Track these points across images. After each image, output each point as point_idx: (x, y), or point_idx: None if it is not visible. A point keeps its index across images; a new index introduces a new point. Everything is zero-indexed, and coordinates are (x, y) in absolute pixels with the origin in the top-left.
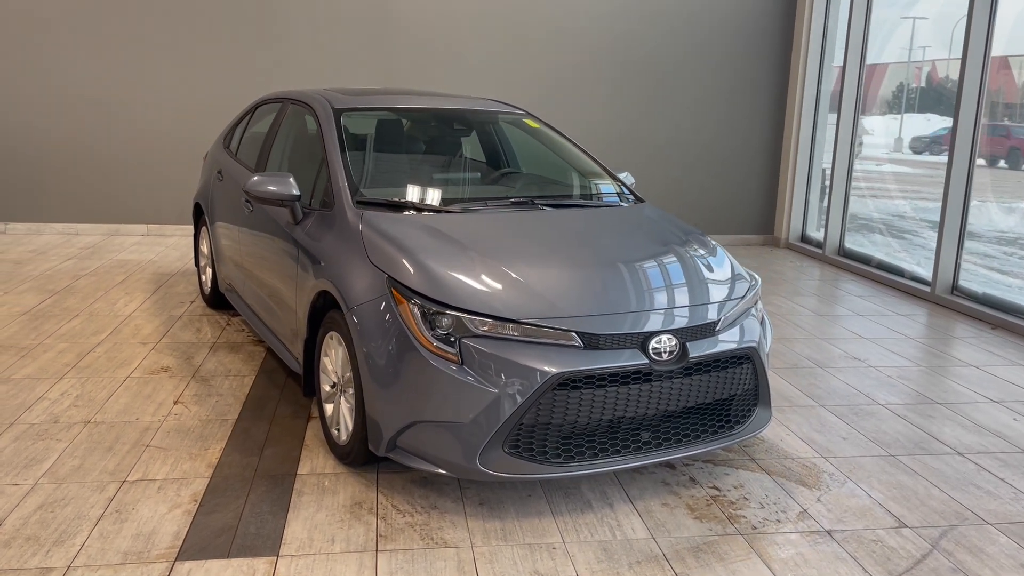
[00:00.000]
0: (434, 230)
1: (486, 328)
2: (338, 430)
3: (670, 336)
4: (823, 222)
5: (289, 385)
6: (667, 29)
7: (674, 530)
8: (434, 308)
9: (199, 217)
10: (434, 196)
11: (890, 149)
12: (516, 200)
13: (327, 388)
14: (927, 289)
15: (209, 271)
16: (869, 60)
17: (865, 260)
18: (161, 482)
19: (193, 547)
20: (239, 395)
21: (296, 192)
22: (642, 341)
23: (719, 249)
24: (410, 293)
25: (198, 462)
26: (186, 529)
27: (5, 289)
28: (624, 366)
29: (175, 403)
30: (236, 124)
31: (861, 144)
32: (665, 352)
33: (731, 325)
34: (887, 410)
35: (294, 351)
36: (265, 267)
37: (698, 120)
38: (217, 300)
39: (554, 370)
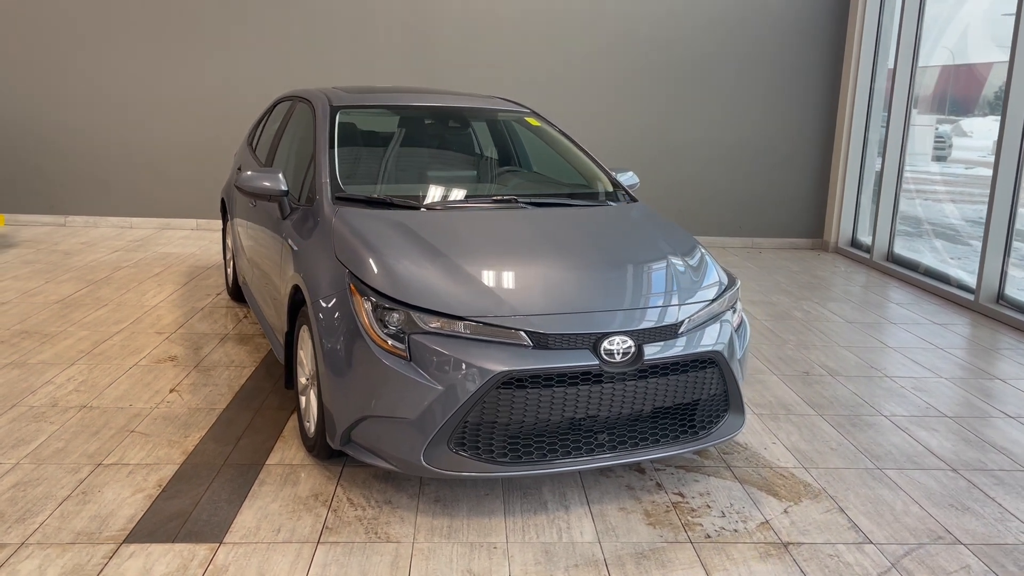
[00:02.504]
0: (403, 227)
1: (436, 325)
2: (309, 423)
3: (624, 337)
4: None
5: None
6: (715, 30)
7: (623, 535)
8: (386, 304)
9: (226, 212)
10: (414, 193)
11: (988, 152)
12: (499, 198)
13: (303, 381)
14: (971, 297)
15: (232, 264)
16: (967, 60)
17: (913, 266)
18: (133, 467)
19: (143, 530)
20: (234, 386)
21: (284, 188)
22: (594, 342)
23: (701, 251)
24: (365, 288)
25: (174, 449)
26: (142, 513)
27: (48, 278)
28: (572, 366)
29: (171, 391)
30: (259, 122)
31: (950, 147)
32: (618, 353)
33: (696, 328)
34: (889, 422)
35: (281, 343)
36: (262, 261)
37: (746, 121)
38: (238, 293)
39: (498, 368)
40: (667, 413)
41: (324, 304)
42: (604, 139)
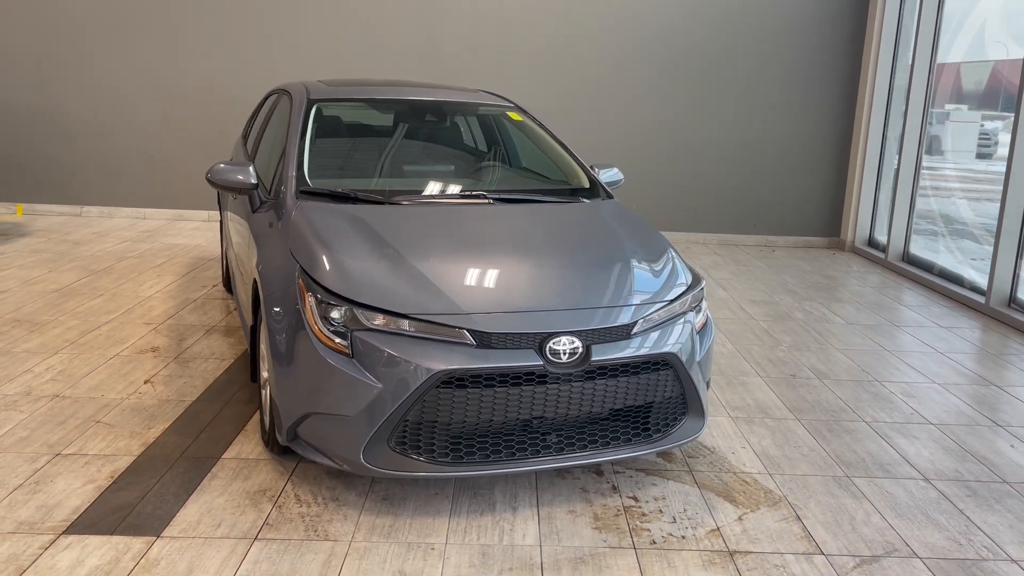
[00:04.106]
0: (360, 222)
1: (379, 322)
2: (267, 417)
3: (571, 337)
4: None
5: None
6: (731, 26)
7: (566, 539)
8: (331, 300)
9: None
10: (382, 188)
11: None
12: (467, 194)
13: (265, 375)
14: (982, 300)
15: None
16: (1008, 56)
17: (928, 267)
18: (90, 457)
19: (84, 522)
20: (208, 378)
21: (253, 181)
22: (539, 342)
23: (668, 250)
24: (312, 284)
25: (134, 440)
26: (88, 504)
27: (51, 267)
28: (515, 366)
29: (145, 382)
30: (252, 115)
31: (996, 144)
32: (564, 354)
33: (651, 329)
34: (869, 427)
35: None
36: (239, 252)
37: (762, 118)
38: (231, 284)
39: (438, 367)
40: (620, 415)
41: (274, 298)
42: (618, 137)
